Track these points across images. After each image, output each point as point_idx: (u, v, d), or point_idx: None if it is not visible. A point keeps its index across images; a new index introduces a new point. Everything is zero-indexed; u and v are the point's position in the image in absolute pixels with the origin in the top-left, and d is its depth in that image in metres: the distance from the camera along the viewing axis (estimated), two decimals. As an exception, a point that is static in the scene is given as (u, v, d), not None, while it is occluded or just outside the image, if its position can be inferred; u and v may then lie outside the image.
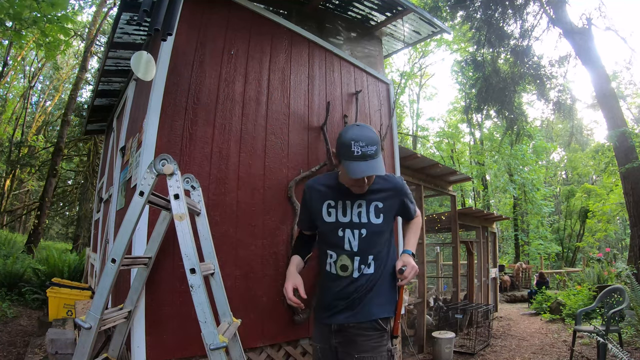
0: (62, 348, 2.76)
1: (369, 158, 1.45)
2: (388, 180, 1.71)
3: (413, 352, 4.71)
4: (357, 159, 1.44)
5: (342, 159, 1.51)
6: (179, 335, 2.11)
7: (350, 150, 1.45)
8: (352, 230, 1.61)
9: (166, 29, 2.14)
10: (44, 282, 5.25)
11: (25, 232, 15.57)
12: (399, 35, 4.69)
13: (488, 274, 8.00)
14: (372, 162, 1.45)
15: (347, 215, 1.62)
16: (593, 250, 18.63)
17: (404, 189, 1.73)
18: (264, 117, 2.80)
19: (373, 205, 1.62)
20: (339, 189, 1.66)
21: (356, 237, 1.60)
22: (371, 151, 1.45)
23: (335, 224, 1.64)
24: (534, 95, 12.80)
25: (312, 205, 1.70)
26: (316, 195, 1.70)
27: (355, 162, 1.45)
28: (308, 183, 1.77)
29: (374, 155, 1.45)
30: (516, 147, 16.08)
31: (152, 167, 1.60)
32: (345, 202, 1.64)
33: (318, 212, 1.68)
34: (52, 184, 9.55)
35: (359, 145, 1.45)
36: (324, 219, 1.66)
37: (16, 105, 16.58)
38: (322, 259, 1.74)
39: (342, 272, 1.62)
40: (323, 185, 1.71)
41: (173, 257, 2.15)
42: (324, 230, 1.67)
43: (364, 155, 1.44)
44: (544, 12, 10.76)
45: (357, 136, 1.46)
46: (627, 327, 5.23)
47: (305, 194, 1.74)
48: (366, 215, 1.61)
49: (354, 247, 1.60)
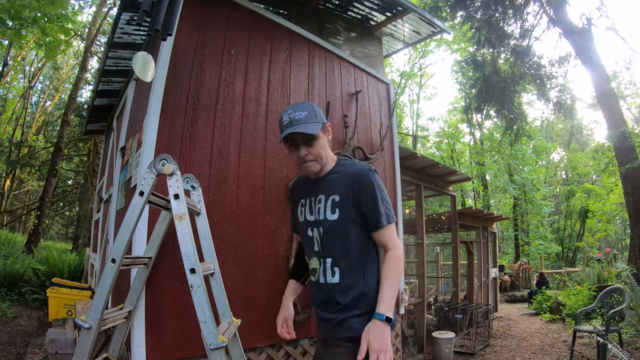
0: (62, 348, 2.76)
1: (296, 122, 1.34)
2: (347, 166, 1.46)
3: (413, 352, 4.71)
4: (285, 127, 1.36)
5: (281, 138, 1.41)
6: (179, 335, 2.11)
7: (281, 122, 1.39)
8: (316, 228, 1.44)
9: (166, 29, 2.14)
10: (44, 282, 5.25)
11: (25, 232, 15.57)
12: (399, 35, 4.69)
13: (488, 274, 7.99)
14: (299, 126, 1.33)
15: (313, 213, 1.46)
16: (593, 250, 18.63)
17: (363, 177, 1.38)
18: (264, 117, 2.80)
19: (331, 198, 1.41)
20: (308, 184, 1.52)
21: (319, 237, 1.43)
22: (299, 116, 1.34)
23: (304, 224, 1.49)
24: (534, 95, 12.81)
25: (292, 206, 1.61)
26: (295, 195, 1.60)
27: (283, 131, 1.36)
28: (290, 183, 1.73)
29: (302, 120, 1.34)
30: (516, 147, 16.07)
31: (152, 167, 1.60)
32: (310, 198, 1.48)
33: (295, 212, 1.57)
34: (52, 184, 9.55)
35: (287, 114, 1.37)
36: (299, 219, 1.53)
37: (16, 105, 16.58)
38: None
39: (312, 276, 1.47)
40: (301, 182, 1.61)
41: (173, 257, 2.15)
42: (299, 232, 1.55)
43: (291, 121, 1.35)
44: (544, 12, 10.76)
45: (287, 108, 1.40)
46: (627, 327, 5.23)
47: (288, 193, 1.72)
48: (323, 210, 1.42)
49: (319, 248, 1.44)
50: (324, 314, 1.40)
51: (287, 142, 1.40)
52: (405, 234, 7.10)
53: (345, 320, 1.33)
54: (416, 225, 5.61)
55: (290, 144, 1.40)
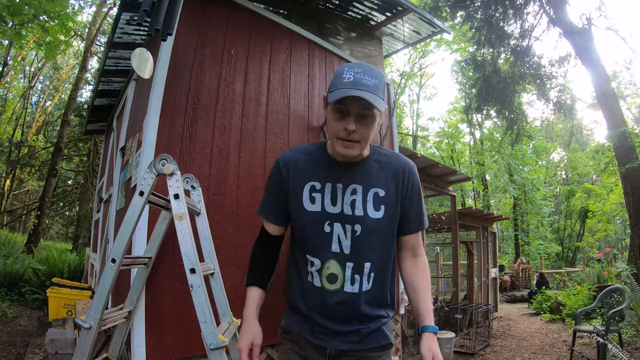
0: (62, 348, 2.76)
1: (364, 87, 1.02)
2: (390, 156, 1.24)
3: (413, 352, 4.71)
4: (346, 85, 1.03)
5: (328, 95, 1.09)
6: (179, 335, 2.11)
7: (340, 77, 1.06)
8: (344, 225, 1.15)
9: (166, 29, 2.14)
10: (44, 282, 5.25)
11: (25, 232, 15.57)
12: (399, 35, 4.69)
13: (488, 274, 7.99)
14: (367, 93, 1.02)
15: (337, 204, 1.16)
16: (593, 250, 18.63)
17: (412, 173, 1.23)
18: (264, 117, 2.80)
19: (372, 192, 1.17)
20: (327, 165, 1.19)
21: (348, 236, 1.15)
22: (369, 81, 1.04)
23: (320, 215, 1.16)
24: (534, 95, 12.80)
25: (288, 186, 1.21)
26: (295, 171, 1.20)
27: (342, 89, 1.04)
28: (283, 155, 1.25)
29: (371, 87, 1.03)
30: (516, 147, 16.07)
31: (152, 167, 1.60)
32: (335, 184, 1.17)
33: (296, 196, 1.19)
34: (52, 184, 9.55)
35: (352, 71, 1.06)
36: (305, 206, 1.17)
37: (16, 105, 16.58)
38: (296, 269, 1.25)
39: (330, 283, 1.16)
40: (305, 157, 1.22)
41: (173, 257, 2.15)
42: (303, 224, 1.19)
43: (356, 81, 1.03)
44: (544, 12, 10.76)
45: (352, 65, 1.09)
46: (627, 327, 5.23)
47: (277, 169, 1.22)
48: (362, 205, 1.15)
49: (345, 249, 1.15)
50: (345, 326, 1.17)
51: (338, 105, 1.06)
52: (405, 234, 7.06)
53: (379, 329, 1.21)
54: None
55: (340, 109, 1.07)
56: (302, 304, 1.21)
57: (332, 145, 1.15)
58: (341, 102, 1.05)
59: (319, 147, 1.25)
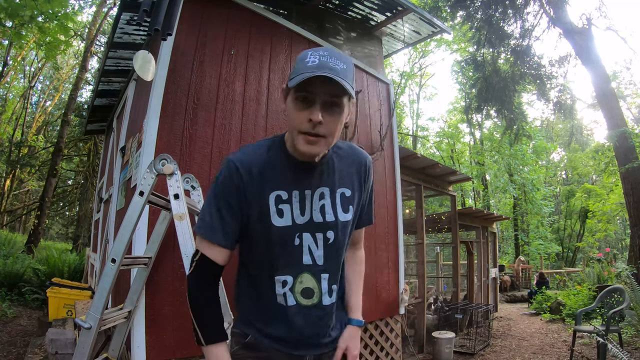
0: (62, 348, 2.76)
1: (331, 72, 0.87)
2: (346, 149, 1.11)
3: (413, 352, 4.71)
4: (311, 69, 0.88)
5: (288, 82, 0.94)
6: (179, 335, 2.11)
7: (303, 61, 0.92)
8: (314, 234, 1.02)
9: (166, 29, 2.15)
10: (44, 282, 5.25)
11: (25, 232, 15.57)
12: (399, 35, 4.69)
13: (488, 274, 7.99)
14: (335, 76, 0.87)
15: (305, 213, 1.01)
16: (593, 250, 18.63)
17: (370, 166, 1.14)
18: (264, 117, 2.81)
19: (339, 192, 1.05)
20: (290, 168, 1.01)
21: (320, 244, 1.02)
22: (337, 65, 0.89)
23: (289, 230, 1.00)
24: (534, 95, 12.82)
25: (248, 201, 0.98)
26: (256, 181, 0.99)
27: (305, 72, 0.88)
28: (236, 159, 1.00)
29: (339, 72, 0.88)
30: (516, 147, 16.09)
31: (152, 167, 1.60)
32: (303, 192, 1.01)
33: (260, 209, 0.99)
34: (52, 184, 9.55)
35: (316, 54, 0.91)
36: (272, 221, 0.98)
37: (16, 105, 16.58)
38: (255, 292, 1.06)
39: (306, 299, 1.02)
40: (264, 163, 1.00)
41: (173, 257, 2.15)
42: (270, 241, 1.00)
43: (321, 65, 0.88)
44: (544, 12, 10.76)
45: (318, 48, 0.94)
46: (627, 327, 5.23)
47: (235, 175, 0.98)
48: (332, 209, 1.03)
49: (318, 260, 1.02)
50: (325, 338, 1.09)
51: (300, 92, 0.91)
52: (405, 234, 7.09)
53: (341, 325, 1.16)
54: (416, 225, 5.61)
55: (304, 96, 0.91)
56: (274, 331, 1.04)
57: (293, 141, 0.96)
58: (304, 88, 0.90)
59: (275, 145, 1.04)
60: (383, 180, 3.81)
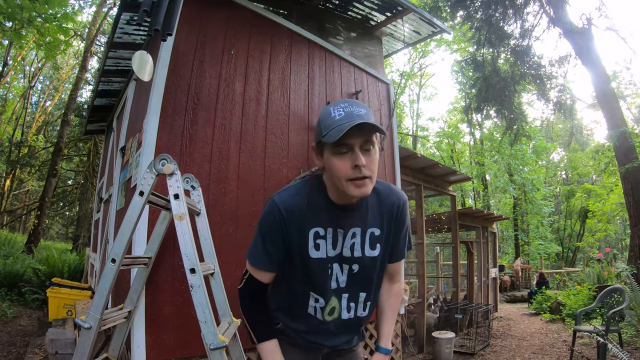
0: (62, 348, 2.76)
1: (359, 119, 0.99)
2: (381, 191, 1.23)
3: (413, 352, 4.71)
4: (342, 121, 0.99)
5: (322, 140, 1.04)
6: (179, 335, 2.11)
7: (330, 117, 1.03)
8: (341, 264, 1.20)
9: (166, 29, 2.15)
10: (44, 282, 5.25)
11: (25, 232, 15.57)
12: (399, 35, 4.69)
13: (488, 274, 8.00)
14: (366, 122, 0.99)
15: (337, 247, 1.18)
16: (593, 250, 18.63)
17: (404, 209, 1.26)
18: (264, 117, 2.81)
19: (369, 232, 1.19)
20: (328, 209, 1.16)
21: (345, 272, 1.21)
22: (361, 111, 1.02)
23: (323, 261, 1.17)
24: (534, 95, 12.82)
25: (290, 233, 1.15)
26: (297, 220, 1.14)
27: (339, 126, 0.99)
28: (280, 201, 1.15)
29: (365, 116, 1.00)
30: (516, 147, 16.09)
31: (152, 167, 1.60)
32: (336, 230, 1.17)
33: (300, 243, 1.16)
34: (52, 184, 9.55)
35: (340, 107, 1.03)
36: (310, 254, 1.16)
37: (16, 105, 16.58)
38: (292, 294, 1.25)
39: (330, 316, 1.23)
40: (304, 205, 1.16)
41: (173, 257, 2.15)
42: (308, 270, 1.18)
43: (349, 116, 1.00)
44: (544, 12, 10.76)
45: (334, 103, 1.07)
46: (627, 327, 5.23)
47: (278, 216, 1.13)
48: (360, 247, 1.19)
49: (342, 284, 1.21)
50: (347, 344, 1.30)
51: (338, 145, 1.02)
52: (405, 234, 7.07)
53: (362, 332, 1.36)
54: (416, 225, 5.61)
55: (343, 148, 1.03)
56: (299, 326, 1.26)
57: (341, 189, 1.07)
58: (342, 141, 0.99)
59: (316, 190, 1.18)
60: (383, 180, 3.81)
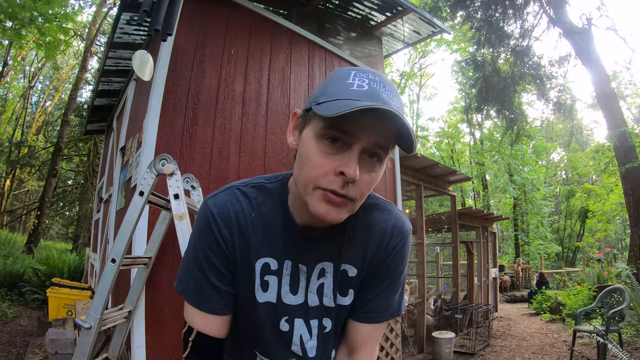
0: (62, 348, 2.76)
1: (384, 104, 0.56)
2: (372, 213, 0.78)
3: (413, 352, 4.71)
4: (359, 96, 0.58)
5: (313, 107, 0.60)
6: (179, 335, 2.10)
7: (343, 82, 0.61)
8: (308, 321, 0.77)
9: (166, 29, 2.15)
10: (44, 282, 5.25)
11: (25, 232, 15.58)
12: (399, 35, 4.69)
13: (488, 274, 8.00)
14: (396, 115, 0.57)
15: (298, 292, 0.76)
16: (593, 250, 18.63)
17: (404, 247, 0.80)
18: (263, 117, 2.81)
19: (342, 270, 0.76)
20: (287, 231, 0.73)
21: (314, 334, 0.78)
22: (391, 99, 0.60)
23: (275, 309, 0.75)
24: (534, 95, 12.83)
25: (234, 256, 0.72)
26: (239, 240, 0.72)
27: (352, 100, 0.57)
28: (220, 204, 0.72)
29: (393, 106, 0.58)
30: (516, 147, 16.10)
31: (152, 167, 1.60)
32: (296, 265, 0.75)
33: (244, 277, 0.73)
34: (52, 184, 9.55)
35: (366, 77, 0.61)
36: (256, 296, 0.74)
37: (16, 105, 16.58)
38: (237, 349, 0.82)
39: None
40: (251, 218, 0.72)
41: (173, 257, 2.15)
42: (252, 317, 0.76)
43: (372, 94, 0.58)
44: (544, 12, 10.77)
45: (365, 70, 0.64)
46: (627, 327, 5.23)
47: (215, 228, 0.70)
48: (332, 292, 0.76)
49: (310, 351, 0.78)
50: None
51: (335, 126, 0.59)
52: (405, 234, 7.08)
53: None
54: (416, 225, 5.61)
55: (342, 135, 0.60)
56: None
57: (303, 197, 0.65)
58: (341, 124, 0.58)
59: (274, 198, 0.74)
60: (383, 180, 3.82)
